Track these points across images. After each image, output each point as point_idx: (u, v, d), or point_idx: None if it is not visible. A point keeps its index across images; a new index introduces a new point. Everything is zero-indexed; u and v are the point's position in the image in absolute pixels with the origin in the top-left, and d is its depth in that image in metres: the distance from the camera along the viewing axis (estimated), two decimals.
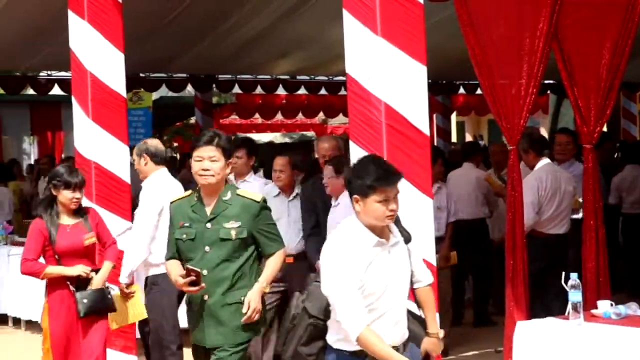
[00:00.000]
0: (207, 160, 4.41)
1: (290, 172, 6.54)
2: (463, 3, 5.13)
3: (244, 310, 4.37)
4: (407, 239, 3.67)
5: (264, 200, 4.53)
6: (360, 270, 3.44)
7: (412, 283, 3.73)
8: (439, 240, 6.41)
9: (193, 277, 4.33)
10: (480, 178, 8.55)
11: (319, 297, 3.63)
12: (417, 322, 3.82)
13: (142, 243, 5.96)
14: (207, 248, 4.41)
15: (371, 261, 3.47)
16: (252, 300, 4.39)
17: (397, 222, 3.66)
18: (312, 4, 12.16)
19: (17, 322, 8.99)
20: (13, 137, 19.44)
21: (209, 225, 4.42)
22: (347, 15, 4.72)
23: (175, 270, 4.51)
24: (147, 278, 6.16)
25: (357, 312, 3.43)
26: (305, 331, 3.72)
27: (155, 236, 5.92)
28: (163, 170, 6.17)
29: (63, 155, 18.19)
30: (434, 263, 4.66)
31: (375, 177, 3.46)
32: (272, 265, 4.51)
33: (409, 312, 3.75)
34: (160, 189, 6.00)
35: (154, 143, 6.25)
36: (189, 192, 4.61)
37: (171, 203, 4.62)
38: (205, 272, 4.37)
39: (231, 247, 4.40)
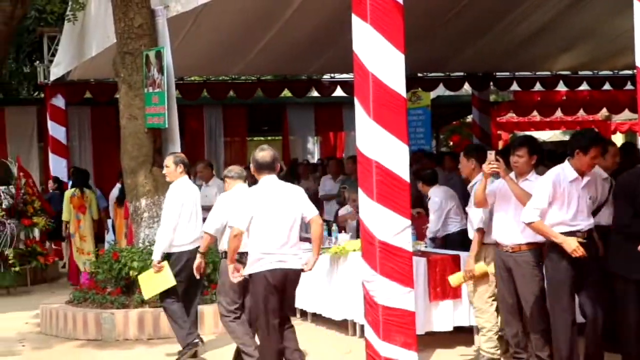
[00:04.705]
0: None
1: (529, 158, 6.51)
2: None
3: None
4: None
5: None
6: None
7: None
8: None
9: None
10: None
11: None
12: None
13: (169, 230, 7.56)
14: None
15: None
16: None
17: None
18: None
19: (304, 314, 9.41)
20: (298, 138, 20.41)
21: None
22: (638, 5, 4.46)
23: None
24: (169, 254, 7.66)
25: None
26: None
27: (178, 224, 7.57)
28: (186, 177, 7.83)
29: (344, 155, 18.85)
30: None
31: None
32: None
33: None
34: (184, 190, 7.71)
35: (183, 155, 7.99)
36: None
37: None
38: None
39: None
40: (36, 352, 8.57)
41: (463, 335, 7.74)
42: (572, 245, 5.89)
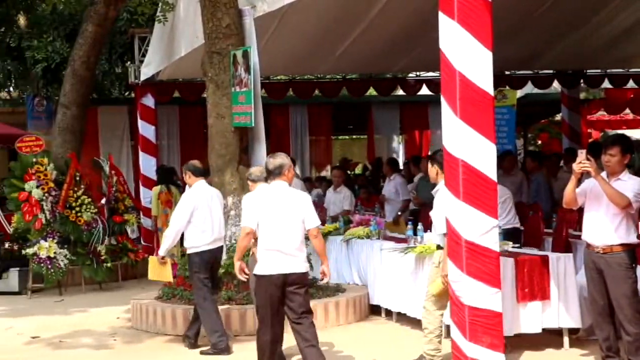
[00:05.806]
0: None
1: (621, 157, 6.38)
2: None
3: None
4: None
5: None
6: None
7: None
8: None
9: None
10: None
11: None
12: None
13: (175, 231, 8.12)
14: None
15: None
16: None
17: None
18: None
19: (389, 313, 9.38)
20: (383, 137, 20.35)
21: None
22: None
23: None
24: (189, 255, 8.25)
25: None
26: None
27: (187, 226, 8.10)
28: (202, 181, 8.36)
29: (430, 154, 18.71)
30: None
31: None
32: None
33: None
34: (196, 194, 8.20)
35: (194, 162, 8.47)
36: None
37: None
38: None
39: None
40: (127, 346, 8.78)
41: (552, 337, 7.60)
42: None
